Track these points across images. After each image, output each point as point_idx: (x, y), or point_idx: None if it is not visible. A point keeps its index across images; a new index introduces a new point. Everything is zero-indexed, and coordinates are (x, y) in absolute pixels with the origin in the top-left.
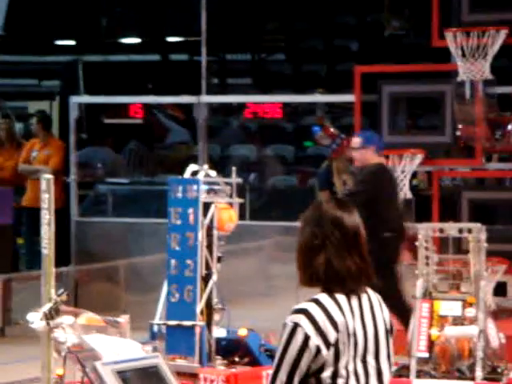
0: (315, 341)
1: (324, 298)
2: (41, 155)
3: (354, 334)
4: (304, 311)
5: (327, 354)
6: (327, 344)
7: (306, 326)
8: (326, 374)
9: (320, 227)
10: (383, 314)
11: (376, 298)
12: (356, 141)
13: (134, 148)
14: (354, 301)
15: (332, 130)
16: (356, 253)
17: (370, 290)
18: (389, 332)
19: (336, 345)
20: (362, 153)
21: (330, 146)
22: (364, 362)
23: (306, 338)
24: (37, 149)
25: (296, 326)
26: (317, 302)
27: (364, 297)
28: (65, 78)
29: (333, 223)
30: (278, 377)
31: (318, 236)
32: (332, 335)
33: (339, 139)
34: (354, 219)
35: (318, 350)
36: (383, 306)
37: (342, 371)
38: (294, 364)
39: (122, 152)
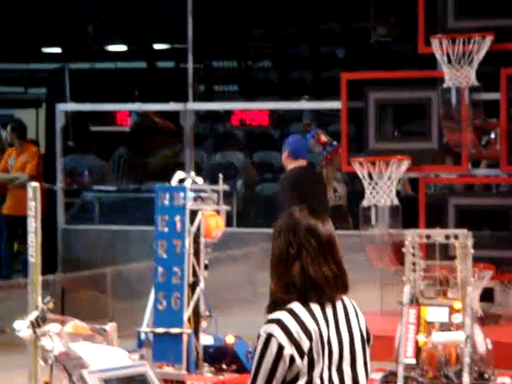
0: (289, 350)
1: (297, 307)
2: (17, 162)
3: (329, 343)
4: (277, 321)
5: (301, 363)
6: (301, 353)
7: (280, 335)
8: (301, 382)
9: (295, 235)
10: (359, 322)
11: (352, 306)
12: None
13: (123, 155)
14: (329, 309)
15: (324, 137)
16: (332, 260)
17: (345, 298)
18: (365, 340)
19: (310, 354)
20: (283, 158)
21: (321, 153)
22: (339, 370)
23: (280, 348)
24: (14, 156)
25: (270, 336)
26: (290, 311)
27: (339, 305)
28: (51, 86)
29: (307, 231)
30: None
31: (294, 244)
32: (305, 344)
33: (330, 147)
34: (328, 227)
35: (292, 360)
36: (359, 313)
37: (317, 380)
38: (270, 375)
39: (111, 159)
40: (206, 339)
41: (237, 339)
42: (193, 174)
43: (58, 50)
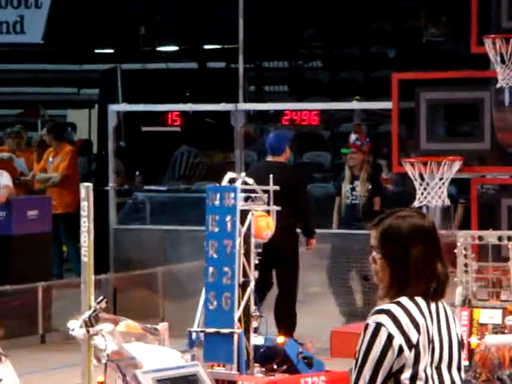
0: (398, 340)
1: (405, 300)
2: (54, 163)
3: (432, 340)
4: (386, 311)
5: (409, 354)
6: (409, 344)
7: (390, 325)
8: (406, 375)
9: (425, 239)
10: (456, 325)
11: (449, 308)
12: None
13: (186, 153)
14: (433, 308)
15: (352, 138)
16: (441, 256)
17: (444, 302)
18: (460, 345)
19: (417, 346)
20: (287, 156)
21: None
22: (438, 370)
23: (390, 338)
24: (51, 157)
25: (379, 325)
26: (399, 303)
27: (441, 305)
28: (103, 86)
29: (429, 233)
30: (362, 376)
31: (427, 251)
32: (414, 336)
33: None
34: (432, 223)
35: (401, 350)
36: (456, 318)
37: (422, 374)
38: (378, 363)
39: (172, 157)
40: (257, 339)
41: (287, 339)
42: (243, 174)
43: (110, 50)
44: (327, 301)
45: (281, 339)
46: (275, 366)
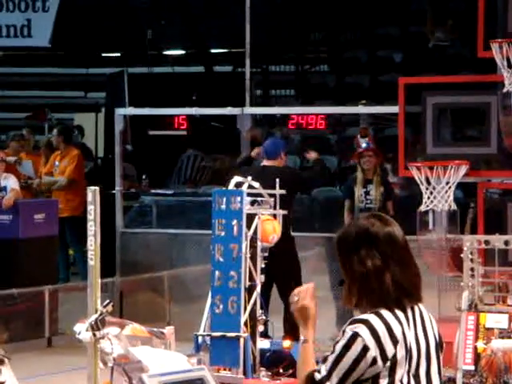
0: (373, 353)
1: (384, 311)
2: (61, 166)
3: (410, 349)
4: (365, 321)
5: (382, 366)
6: (384, 357)
7: (366, 337)
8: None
9: (377, 247)
10: (433, 328)
11: (426, 311)
12: None
13: (193, 156)
14: (410, 314)
15: (360, 141)
16: (412, 262)
17: (420, 304)
18: (439, 346)
19: (393, 358)
20: (285, 160)
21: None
22: (416, 376)
23: (365, 349)
24: (58, 160)
25: (356, 335)
26: (377, 314)
27: (416, 310)
28: (110, 90)
29: (388, 240)
30: (330, 380)
31: (377, 256)
32: (390, 350)
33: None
34: (400, 230)
35: (374, 361)
36: (432, 319)
37: (397, 383)
38: (348, 372)
39: (179, 160)
40: (263, 343)
41: (293, 343)
42: (249, 178)
43: (117, 54)
44: (331, 304)
45: (287, 343)
46: (281, 370)
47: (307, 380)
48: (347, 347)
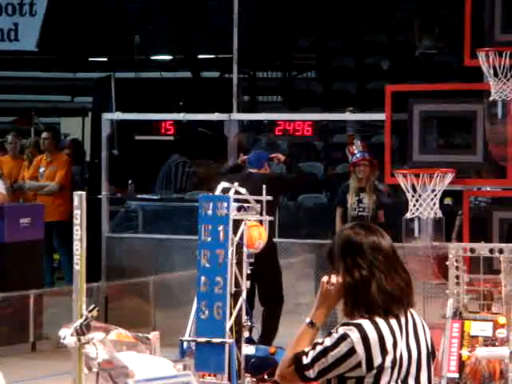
0: (359, 357)
1: (379, 319)
2: (48, 171)
3: (401, 358)
4: (358, 326)
5: (366, 372)
6: (370, 366)
7: (356, 340)
8: None
9: (362, 257)
10: (426, 336)
11: (419, 318)
12: None
13: (180, 162)
14: (403, 322)
15: (353, 148)
16: (400, 269)
17: (412, 310)
18: (430, 354)
19: (379, 367)
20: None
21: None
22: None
23: (351, 352)
24: (43, 165)
25: (346, 336)
26: (372, 321)
27: (409, 316)
28: (97, 95)
29: (373, 249)
30: (312, 369)
31: (364, 266)
32: (377, 360)
33: (354, 157)
34: (387, 238)
35: (359, 365)
36: (425, 326)
37: None
38: (329, 367)
39: (164, 166)
40: (248, 349)
41: (279, 349)
42: (236, 184)
43: (104, 59)
44: None
45: (272, 349)
46: (266, 376)
47: (293, 360)
48: (335, 345)
